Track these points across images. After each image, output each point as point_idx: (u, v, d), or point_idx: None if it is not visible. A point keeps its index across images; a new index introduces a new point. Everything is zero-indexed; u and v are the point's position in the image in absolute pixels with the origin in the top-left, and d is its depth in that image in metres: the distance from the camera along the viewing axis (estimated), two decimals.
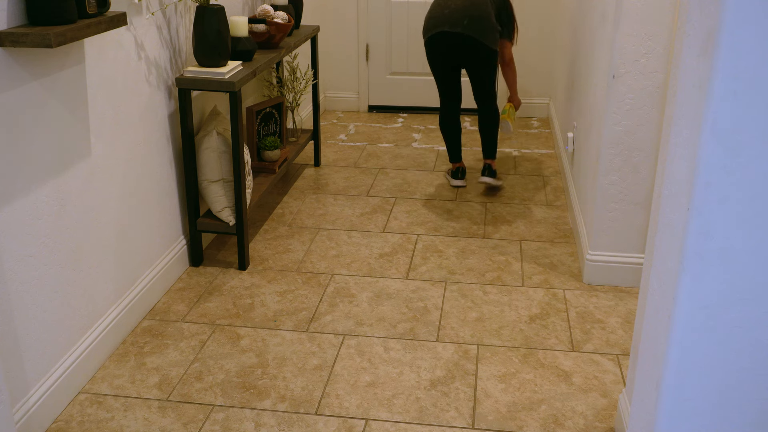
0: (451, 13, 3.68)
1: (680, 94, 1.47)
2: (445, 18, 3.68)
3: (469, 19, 3.65)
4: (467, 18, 3.65)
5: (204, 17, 2.79)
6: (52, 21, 1.98)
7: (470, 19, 3.65)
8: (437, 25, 3.71)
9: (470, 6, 3.68)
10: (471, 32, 3.65)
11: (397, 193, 3.96)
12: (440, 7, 3.73)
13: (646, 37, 2.63)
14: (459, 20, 3.65)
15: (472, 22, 3.65)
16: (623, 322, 2.75)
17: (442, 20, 3.69)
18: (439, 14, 3.71)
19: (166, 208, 2.94)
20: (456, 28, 3.66)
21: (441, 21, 3.70)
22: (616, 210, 2.91)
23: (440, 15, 3.70)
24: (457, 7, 3.68)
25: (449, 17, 3.67)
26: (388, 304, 2.88)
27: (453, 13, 3.67)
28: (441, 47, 3.76)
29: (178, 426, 2.21)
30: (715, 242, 1.38)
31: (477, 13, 3.67)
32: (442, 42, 3.73)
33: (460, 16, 3.66)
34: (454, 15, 3.67)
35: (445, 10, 3.70)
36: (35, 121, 2.08)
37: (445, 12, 3.69)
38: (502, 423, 2.23)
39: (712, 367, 1.49)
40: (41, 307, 2.16)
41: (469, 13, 3.66)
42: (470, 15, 3.66)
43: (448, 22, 3.67)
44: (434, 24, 3.72)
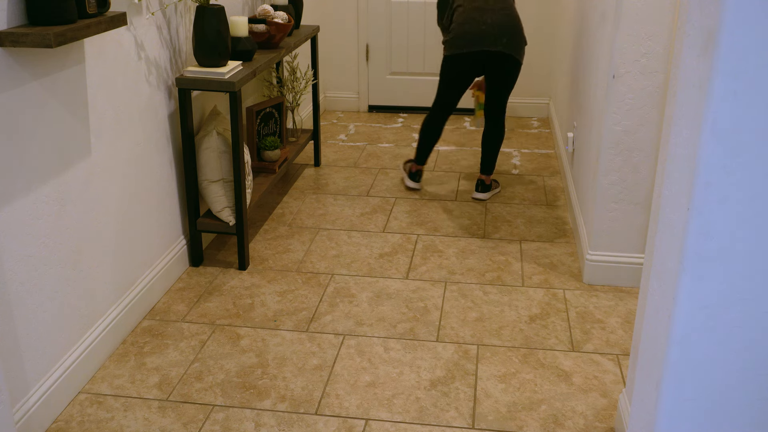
0: (488, 30, 3.50)
1: (680, 94, 1.47)
2: (483, 35, 3.51)
3: (508, 36, 3.52)
4: (506, 36, 3.51)
5: (204, 17, 2.79)
6: (52, 21, 1.98)
7: (509, 36, 3.52)
8: (475, 43, 3.53)
9: (506, 20, 3.53)
10: (510, 50, 3.54)
11: (397, 193, 3.96)
12: (476, 23, 3.52)
13: (646, 37, 2.63)
14: (499, 38, 3.51)
15: (510, 39, 3.53)
16: (623, 322, 2.75)
17: (480, 38, 3.51)
18: (476, 30, 3.51)
19: (166, 208, 2.94)
20: (495, 47, 3.52)
21: (479, 39, 3.51)
22: (616, 210, 2.91)
23: (477, 31, 3.51)
24: (495, 23, 3.51)
25: (488, 35, 3.50)
26: (388, 304, 2.88)
27: (491, 30, 3.50)
28: (472, 64, 3.62)
29: (178, 426, 2.21)
30: (715, 242, 1.38)
31: (514, 30, 3.55)
32: (476, 58, 3.58)
33: (499, 34, 3.51)
34: (493, 32, 3.50)
35: (482, 26, 3.51)
36: (35, 121, 2.08)
37: (483, 28, 3.51)
38: (502, 423, 2.23)
39: (712, 367, 1.49)
40: (41, 307, 2.16)
41: (507, 30, 3.52)
42: (508, 32, 3.52)
43: (487, 41, 3.51)
44: (471, 41, 3.53)
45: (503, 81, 3.69)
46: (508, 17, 3.55)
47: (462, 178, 4.17)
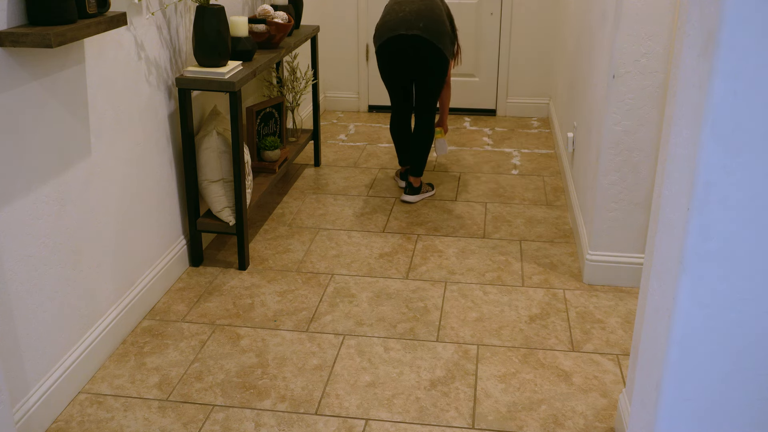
0: (406, 16, 3.55)
1: (680, 94, 1.47)
2: (401, 21, 3.55)
3: (425, 21, 3.53)
4: (423, 21, 3.53)
5: (204, 17, 2.79)
6: (52, 21, 1.98)
7: (426, 21, 3.54)
8: (393, 29, 3.56)
9: (426, 10, 3.57)
10: (428, 35, 3.52)
11: (397, 193, 3.96)
12: (394, 12, 3.60)
13: (646, 37, 2.63)
14: (415, 23, 3.53)
15: (428, 24, 3.53)
16: (623, 322, 2.75)
17: (397, 23, 3.55)
18: (394, 18, 3.58)
19: (166, 208, 2.94)
20: (413, 30, 3.52)
21: (397, 24, 3.55)
22: (616, 210, 2.91)
23: (395, 19, 3.57)
24: (413, 11, 3.56)
25: (405, 20, 3.54)
26: (388, 304, 2.88)
27: (408, 16, 3.55)
28: (396, 52, 3.61)
29: (178, 426, 2.21)
30: (715, 242, 1.38)
31: (433, 17, 3.56)
32: (398, 46, 3.58)
33: (415, 19, 3.53)
34: (410, 18, 3.54)
35: (400, 13, 3.57)
36: (35, 121, 2.08)
37: (400, 15, 3.57)
38: (502, 423, 2.23)
39: (712, 367, 1.49)
40: (41, 307, 2.16)
41: (425, 16, 3.55)
42: (426, 18, 3.55)
43: (404, 25, 3.54)
44: (390, 28, 3.58)
45: (426, 72, 3.65)
46: (429, 8, 3.58)
47: (462, 177, 4.17)
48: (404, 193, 3.85)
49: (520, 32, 5.19)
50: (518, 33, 5.19)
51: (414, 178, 3.84)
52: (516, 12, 5.14)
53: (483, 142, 4.82)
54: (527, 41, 5.20)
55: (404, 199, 3.83)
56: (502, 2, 5.12)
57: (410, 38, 3.54)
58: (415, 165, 3.83)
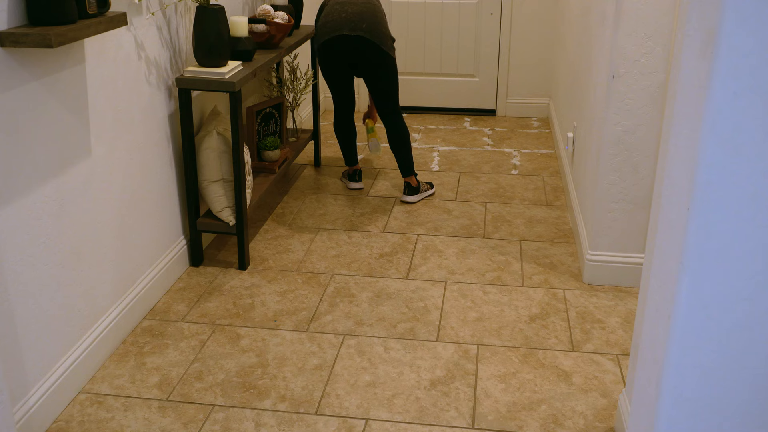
0: (348, 17, 3.58)
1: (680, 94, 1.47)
2: (344, 21, 3.58)
3: (368, 23, 3.57)
4: (366, 22, 3.57)
5: (204, 17, 2.79)
6: (53, 21, 1.99)
7: (369, 24, 3.57)
8: (336, 29, 3.58)
9: (367, 12, 3.61)
10: (371, 36, 3.56)
11: (398, 193, 3.96)
12: (336, 12, 3.63)
13: (646, 37, 2.63)
14: (358, 24, 3.56)
15: (371, 26, 3.57)
16: (623, 322, 2.75)
17: (340, 24, 3.58)
18: (337, 18, 3.60)
19: (166, 208, 2.94)
20: (356, 32, 3.55)
21: (339, 24, 3.58)
22: (616, 210, 2.91)
23: (338, 19, 3.60)
24: (355, 12, 3.59)
25: (348, 21, 3.57)
26: (388, 304, 2.88)
27: (351, 17, 3.58)
28: (338, 52, 3.64)
29: (178, 426, 2.21)
30: (715, 242, 1.38)
31: (375, 19, 3.61)
32: (340, 46, 3.61)
33: (358, 20, 3.57)
34: (353, 19, 3.57)
35: (342, 14, 3.60)
36: (35, 121, 2.08)
37: (343, 16, 3.59)
38: (502, 423, 2.23)
39: (712, 367, 1.49)
40: (41, 307, 2.16)
41: (367, 19, 3.58)
42: (369, 20, 3.58)
43: (348, 26, 3.56)
44: (332, 27, 3.60)
45: (375, 75, 3.69)
46: (369, 10, 3.62)
47: (462, 177, 4.17)
48: (403, 194, 3.85)
49: (520, 32, 5.19)
50: (518, 33, 5.19)
51: (408, 177, 3.85)
52: (516, 12, 5.14)
53: (483, 142, 4.82)
54: (527, 41, 5.20)
55: (404, 200, 3.83)
56: (502, 2, 5.12)
57: (353, 39, 3.57)
58: (401, 165, 3.85)
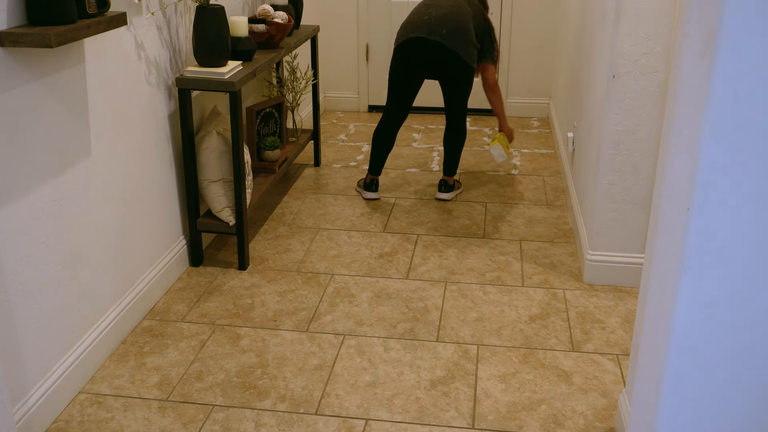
0: (430, 20, 3.52)
1: (680, 94, 1.47)
2: (424, 24, 3.52)
3: (448, 29, 3.49)
4: (446, 28, 3.49)
5: (204, 17, 2.79)
6: (52, 21, 1.98)
7: (450, 29, 3.49)
8: (414, 30, 3.53)
9: (451, 16, 3.53)
10: (449, 43, 3.48)
11: (397, 193, 3.96)
12: (420, 14, 3.58)
13: (646, 37, 2.63)
14: (438, 29, 3.49)
15: (451, 32, 3.49)
16: (623, 322, 2.75)
17: (420, 26, 3.53)
18: (418, 20, 3.55)
19: (166, 208, 2.94)
20: (434, 36, 3.49)
21: (419, 27, 3.53)
22: (616, 210, 2.91)
23: (419, 21, 3.54)
24: (438, 16, 3.52)
25: (428, 24, 3.51)
26: (388, 304, 2.88)
27: (432, 21, 3.51)
28: (413, 54, 3.58)
29: (178, 426, 2.21)
30: (715, 242, 1.38)
31: (457, 25, 3.52)
32: (416, 49, 3.55)
33: (439, 25, 3.50)
34: (434, 23, 3.51)
35: (425, 17, 3.55)
36: (35, 121, 2.08)
37: (425, 18, 3.54)
38: (502, 423, 2.23)
39: (712, 367, 1.49)
40: (41, 307, 2.16)
41: (449, 24, 3.51)
42: (450, 26, 3.50)
43: (427, 29, 3.50)
44: (411, 29, 3.55)
45: (449, 82, 3.65)
46: (455, 14, 3.54)
47: (462, 177, 4.17)
48: (439, 191, 3.88)
49: (520, 32, 5.19)
50: (518, 33, 5.19)
51: (448, 177, 3.89)
52: (516, 12, 5.14)
53: (483, 142, 4.82)
54: (527, 41, 5.20)
55: (440, 197, 3.86)
56: (502, 2, 5.12)
57: (430, 43, 3.50)
58: (448, 165, 3.87)
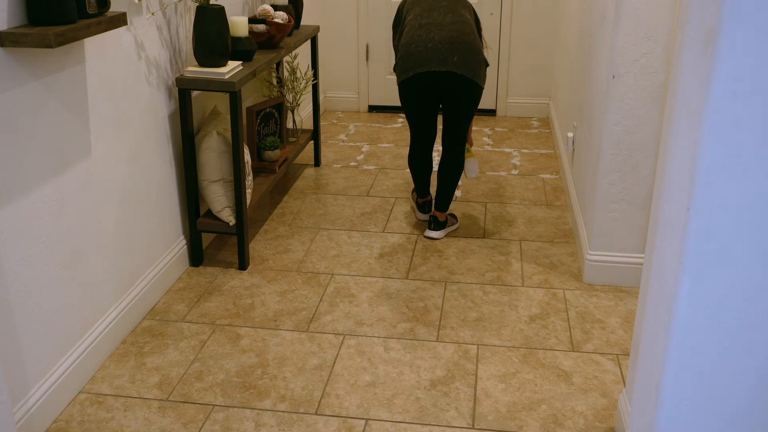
0: (436, 48, 3.09)
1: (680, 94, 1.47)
2: (431, 53, 3.10)
3: (459, 54, 3.09)
4: (457, 53, 3.09)
5: (204, 17, 2.79)
6: (53, 21, 1.98)
7: (461, 54, 3.10)
8: (422, 63, 3.11)
9: (457, 37, 3.11)
10: (463, 70, 3.10)
11: (397, 193, 3.96)
12: (422, 40, 3.12)
13: (646, 37, 2.63)
14: (448, 56, 3.09)
15: (463, 57, 3.10)
16: (623, 322, 2.75)
17: (427, 57, 3.10)
18: (422, 49, 3.11)
19: (166, 208, 2.94)
20: (446, 66, 3.09)
21: (426, 58, 3.10)
22: (616, 210, 2.91)
23: (424, 50, 3.11)
24: (443, 40, 3.10)
25: (436, 53, 3.09)
26: (388, 304, 2.88)
27: (439, 48, 3.09)
28: (425, 87, 3.19)
29: (178, 426, 2.21)
30: (715, 242, 1.38)
31: (466, 46, 3.12)
32: (427, 82, 3.16)
33: (447, 51, 3.09)
34: (441, 50, 3.09)
35: (429, 43, 3.10)
36: (35, 121, 2.08)
37: (429, 46, 3.10)
38: (502, 423, 2.23)
39: (712, 367, 1.49)
40: (41, 307, 2.16)
41: (457, 47, 3.10)
42: (460, 49, 3.10)
43: (436, 59, 3.09)
44: (418, 61, 3.12)
45: (459, 106, 3.27)
46: (460, 33, 3.14)
47: (462, 177, 4.17)
48: (428, 229, 3.45)
49: (520, 32, 5.19)
50: (518, 33, 5.19)
51: (440, 213, 3.45)
52: (516, 12, 5.14)
53: (483, 142, 4.82)
54: (527, 41, 5.20)
55: (429, 235, 3.44)
56: (502, 2, 5.12)
57: (443, 75, 3.12)
58: (442, 200, 3.44)
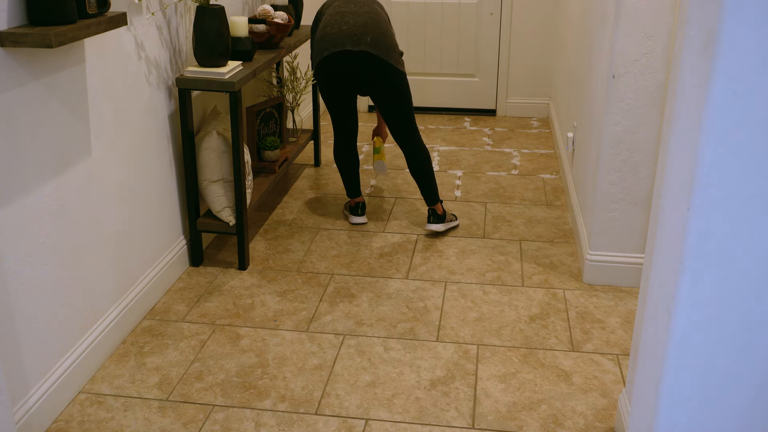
0: (351, 30, 3.15)
1: (680, 94, 1.47)
2: (345, 35, 3.14)
3: (372, 36, 3.14)
4: (370, 35, 3.14)
5: (204, 17, 2.79)
6: (53, 21, 1.99)
7: (374, 36, 3.15)
8: (336, 44, 3.14)
9: (371, 23, 3.18)
10: (377, 51, 3.13)
11: (397, 193, 3.96)
12: (336, 24, 3.19)
13: (646, 37, 2.63)
14: (361, 38, 3.13)
15: (376, 39, 3.14)
16: (623, 322, 2.75)
17: (341, 37, 3.14)
18: (337, 31, 3.16)
19: (166, 207, 2.94)
20: (359, 46, 3.12)
21: (340, 39, 3.14)
22: (616, 210, 2.91)
23: (338, 32, 3.16)
24: (358, 24, 3.16)
25: (350, 34, 3.14)
26: (388, 304, 2.88)
27: (353, 30, 3.15)
28: (339, 70, 3.22)
29: (178, 426, 2.21)
30: (714, 242, 1.38)
31: (379, 30, 3.18)
32: (341, 64, 3.19)
33: (361, 33, 3.14)
34: (355, 32, 3.14)
35: (344, 26, 3.17)
36: (35, 120, 2.08)
37: (344, 28, 3.16)
38: (502, 423, 2.23)
39: (711, 368, 1.49)
40: (41, 307, 2.16)
41: (371, 30, 3.16)
42: (373, 32, 3.16)
43: (350, 40, 3.13)
44: (332, 42, 3.15)
45: (384, 94, 3.28)
46: (373, 20, 3.21)
47: (462, 177, 4.17)
48: (428, 222, 3.44)
49: (520, 32, 5.19)
50: (518, 33, 5.19)
51: (433, 205, 3.45)
52: (516, 12, 5.14)
53: (483, 142, 4.82)
54: (527, 41, 5.20)
55: (430, 228, 3.43)
56: (502, 2, 5.12)
57: (356, 55, 3.14)
58: (427, 193, 3.43)
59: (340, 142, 3.51)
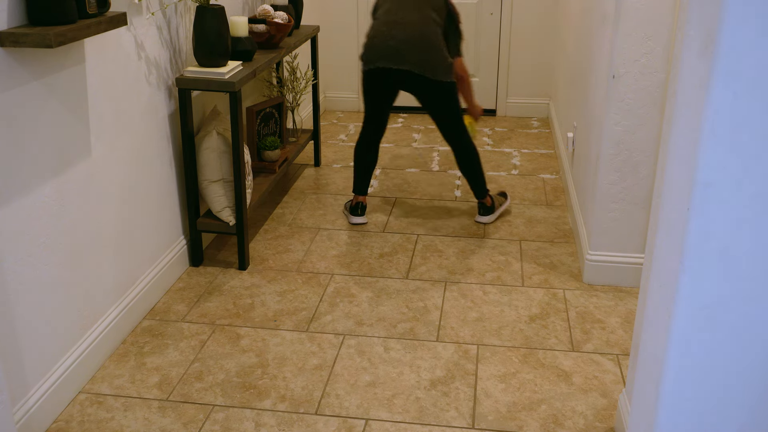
0: (397, 46, 3.20)
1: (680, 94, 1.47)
2: (390, 51, 3.22)
3: (417, 53, 3.20)
4: (415, 53, 3.20)
5: (204, 17, 2.79)
6: (53, 21, 1.99)
7: (418, 52, 3.20)
8: (380, 59, 3.24)
9: (416, 35, 3.21)
10: (420, 70, 3.20)
11: (397, 193, 3.96)
12: (384, 37, 3.24)
13: (646, 37, 2.63)
14: (406, 55, 3.20)
15: (421, 56, 3.20)
16: (623, 322, 2.75)
17: (386, 53, 3.23)
18: (383, 45, 3.24)
19: (166, 207, 2.94)
20: (402, 65, 3.21)
21: (384, 54, 3.23)
22: (616, 210, 2.91)
23: (384, 46, 3.23)
24: (403, 39, 3.20)
25: (395, 51, 3.21)
26: (388, 304, 2.88)
27: (399, 46, 3.20)
28: (383, 81, 3.34)
29: (178, 426, 2.21)
30: (715, 242, 1.38)
31: (426, 45, 3.21)
32: (386, 77, 3.31)
33: (407, 50, 3.19)
34: (401, 48, 3.20)
35: (390, 41, 3.22)
36: (35, 120, 2.08)
37: (390, 44, 3.22)
38: (502, 423, 2.23)
39: (712, 367, 1.49)
40: (41, 307, 2.16)
41: (416, 46, 3.20)
42: (417, 48, 3.20)
43: (394, 58, 3.21)
44: (377, 55, 3.25)
45: (430, 105, 3.40)
46: (421, 33, 3.23)
47: (462, 177, 4.17)
48: (478, 214, 3.59)
49: (520, 32, 5.19)
50: (518, 33, 5.19)
51: (483, 199, 3.57)
52: (516, 12, 5.14)
53: (483, 142, 4.82)
54: (527, 41, 5.20)
55: (478, 220, 3.58)
56: (502, 2, 5.12)
57: (400, 73, 3.25)
58: (474, 188, 3.56)
59: (365, 137, 3.57)
